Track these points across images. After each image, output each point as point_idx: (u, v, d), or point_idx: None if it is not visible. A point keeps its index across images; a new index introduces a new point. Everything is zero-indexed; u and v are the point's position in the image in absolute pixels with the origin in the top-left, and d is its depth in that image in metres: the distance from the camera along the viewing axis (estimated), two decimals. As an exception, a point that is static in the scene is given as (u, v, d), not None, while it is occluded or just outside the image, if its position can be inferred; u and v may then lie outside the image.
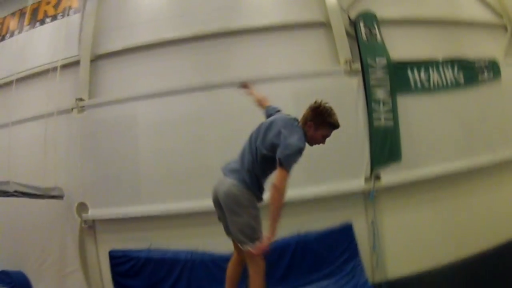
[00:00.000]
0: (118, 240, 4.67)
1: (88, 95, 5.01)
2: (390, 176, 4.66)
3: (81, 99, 4.96)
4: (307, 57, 4.92)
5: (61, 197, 4.73)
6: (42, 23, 5.64)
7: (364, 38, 4.89)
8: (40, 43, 5.49)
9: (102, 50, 5.18)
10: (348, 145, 4.59)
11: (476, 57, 5.31)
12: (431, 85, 5.01)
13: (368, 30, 4.93)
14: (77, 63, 5.14)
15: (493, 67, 5.37)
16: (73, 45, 5.24)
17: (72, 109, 4.96)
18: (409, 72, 4.93)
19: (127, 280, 4.44)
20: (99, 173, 4.84)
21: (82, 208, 4.75)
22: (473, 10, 5.72)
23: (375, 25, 5.00)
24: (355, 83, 4.77)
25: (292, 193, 2.80)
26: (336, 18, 5.02)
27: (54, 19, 5.58)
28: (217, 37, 4.96)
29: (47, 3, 5.71)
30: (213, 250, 4.41)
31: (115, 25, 5.29)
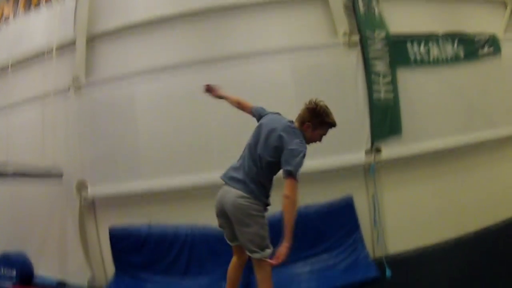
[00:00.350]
0: (117, 217, 4.66)
1: (85, 74, 4.95)
2: (390, 149, 4.62)
3: (78, 78, 4.91)
4: (305, 31, 4.85)
5: (60, 176, 4.73)
6: (37, 7, 5.56)
7: (362, 11, 4.83)
8: (36, 27, 5.42)
9: (98, 30, 5.10)
10: (348, 118, 4.51)
11: (476, 32, 5.25)
12: (431, 59, 4.95)
13: (366, 4, 4.87)
14: (73, 44, 5.06)
15: (493, 43, 5.31)
16: (69, 28, 5.15)
17: (69, 88, 4.91)
18: (408, 45, 4.87)
19: (128, 257, 4.44)
20: (98, 151, 4.81)
21: (82, 186, 4.73)
22: (473, -14, 5.64)
23: (373, -1, 4.94)
24: (354, 55, 4.71)
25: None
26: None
27: (49, 2, 5.50)
28: (214, 13, 4.89)
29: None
30: (213, 224, 4.36)
31: (110, 4, 5.20)
